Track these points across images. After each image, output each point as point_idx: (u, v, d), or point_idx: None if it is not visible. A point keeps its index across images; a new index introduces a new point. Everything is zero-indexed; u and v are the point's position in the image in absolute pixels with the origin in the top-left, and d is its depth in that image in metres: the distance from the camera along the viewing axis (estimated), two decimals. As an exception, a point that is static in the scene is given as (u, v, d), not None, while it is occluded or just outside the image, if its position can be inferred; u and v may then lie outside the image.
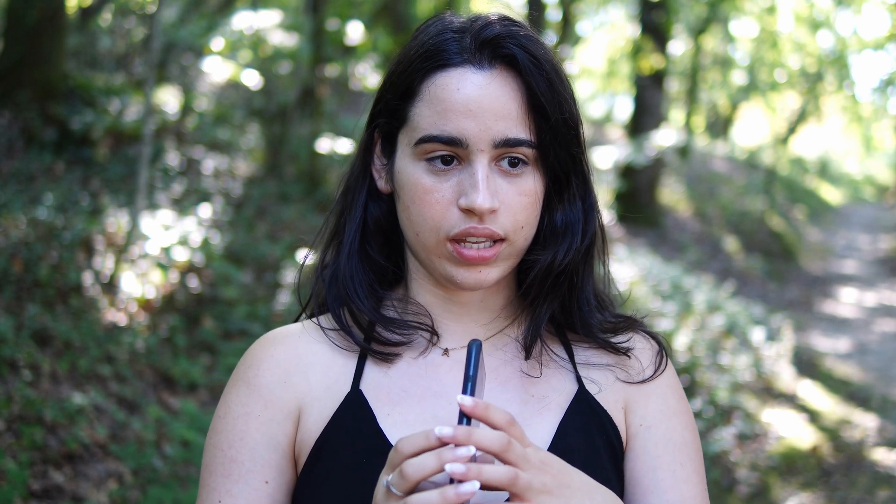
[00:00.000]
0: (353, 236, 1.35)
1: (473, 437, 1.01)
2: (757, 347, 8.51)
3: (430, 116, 1.23)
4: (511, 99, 1.22)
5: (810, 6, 18.20)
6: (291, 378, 1.30)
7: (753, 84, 20.30)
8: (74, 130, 7.58)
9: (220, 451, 1.28)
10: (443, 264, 1.25)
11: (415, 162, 1.25)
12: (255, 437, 1.28)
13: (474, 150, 1.21)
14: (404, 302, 1.35)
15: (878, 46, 19.03)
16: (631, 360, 1.36)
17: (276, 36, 9.83)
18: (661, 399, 1.35)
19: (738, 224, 16.21)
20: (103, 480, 4.08)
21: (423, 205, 1.23)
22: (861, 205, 27.01)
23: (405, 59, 1.28)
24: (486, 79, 1.22)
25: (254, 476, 1.27)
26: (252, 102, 10.57)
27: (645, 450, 1.31)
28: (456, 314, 1.34)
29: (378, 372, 1.31)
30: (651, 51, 12.86)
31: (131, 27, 11.00)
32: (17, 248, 5.39)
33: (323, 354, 1.33)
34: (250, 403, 1.30)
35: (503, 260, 1.26)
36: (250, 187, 8.87)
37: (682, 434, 1.33)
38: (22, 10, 7.41)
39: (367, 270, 1.34)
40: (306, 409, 1.29)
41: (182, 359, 5.44)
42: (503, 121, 1.21)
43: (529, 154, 1.24)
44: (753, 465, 6.26)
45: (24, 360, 4.51)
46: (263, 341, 1.36)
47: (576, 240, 1.30)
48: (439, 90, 1.23)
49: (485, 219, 1.21)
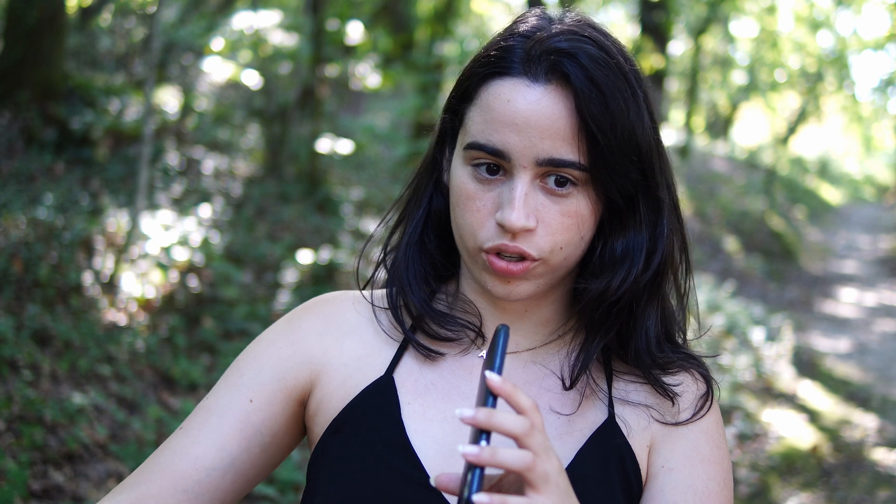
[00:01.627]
0: (416, 226, 1.34)
1: (495, 419, 0.97)
2: (757, 347, 8.51)
3: (479, 123, 1.20)
4: (561, 118, 1.16)
5: (810, 6, 18.20)
6: (327, 336, 1.33)
7: (753, 84, 20.32)
8: (74, 130, 7.58)
9: (235, 363, 1.34)
10: (478, 271, 1.24)
11: (464, 165, 1.23)
12: (266, 362, 1.32)
13: (517, 166, 1.18)
14: (455, 298, 1.34)
15: (878, 46, 19.04)
16: (671, 401, 1.29)
17: (276, 36, 9.83)
18: (691, 444, 1.27)
19: (738, 224, 16.22)
20: (103, 480, 4.08)
21: (466, 210, 1.22)
22: (861, 205, 27.01)
23: (475, 58, 1.26)
24: (539, 94, 1.17)
25: (244, 390, 1.30)
26: (252, 102, 10.57)
27: (661, 493, 1.24)
28: (501, 319, 1.31)
29: (413, 362, 1.31)
30: (651, 51, 12.86)
31: (131, 27, 11.00)
32: (17, 248, 5.39)
33: (366, 329, 1.34)
34: (279, 336, 1.34)
35: (536, 277, 1.22)
36: (250, 187, 8.87)
37: (706, 483, 1.25)
38: (22, 10, 7.40)
39: (423, 262, 1.34)
40: (330, 371, 1.31)
41: (182, 359, 5.44)
42: (550, 140, 1.16)
43: (578, 176, 1.18)
44: (753, 465, 6.27)
45: (24, 360, 4.51)
46: (319, 298, 1.40)
47: (635, 268, 1.23)
48: (491, 98, 1.20)
49: (517, 237, 1.18)
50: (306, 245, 7.65)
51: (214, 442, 1.28)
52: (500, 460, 0.96)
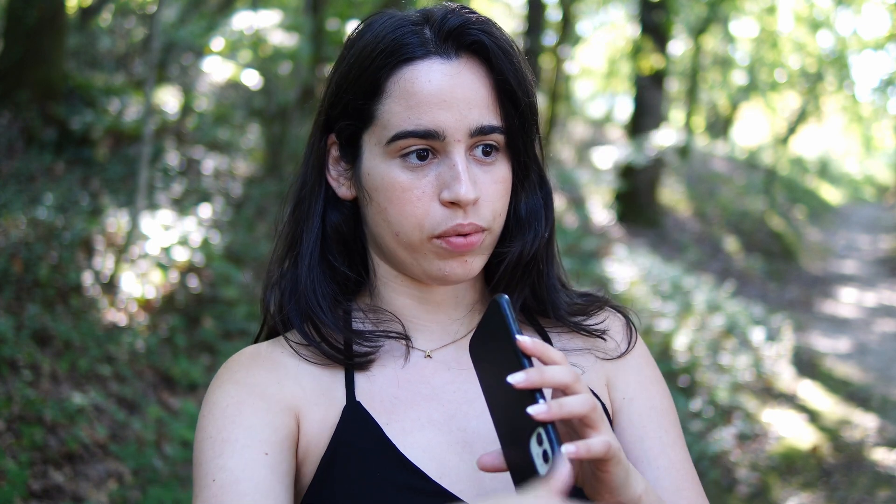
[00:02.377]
0: (313, 246, 1.30)
1: (546, 375, 1.00)
2: (757, 347, 8.51)
3: (401, 112, 1.20)
4: (481, 86, 1.21)
5: (810, 6, 18.20)
6: (283, 380, 1.25)
7: (753, 84, 20.30)
8: (74, 130, 7.58)
9: (210, 439, 1.18)
10: (429, 261, 1.23)
11: (387, 161, 1.22)
12: (251, 420, 1.19)
13: (451, 142, 1.19)
14: (372, 311, 1.32)
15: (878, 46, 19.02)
16: (606, 338, 1.37)
17: (276, 36, 9.83)
18: (636, 370, 1.37)
19: (738, 224, 16.21)
20: (103, 480, 4.08)
21: (403, 203, 1.21)
22: (861, 205, 27.01)
23: (361, 57, 1.24)
24: (455, 68, 1.21)
25: (251, 450, 1.16)
26: (252, 102, 10.57)
27: (630, 422, 1.32)
28: (432, 313, 1.32)
29: (366, 381, 1.27)
30: (651, 51, 12.86)
31: (131, 27, 11.00)
32: (17, 248, 5.39)
33: (307, 365, 1.28)
34: (241, 395, 1.21)
35: (485, 250, 1.25)
36: (250, 187, 8.87)
37: (661, 401, 1.35)
38: (22, 10, 7.41)
39: (329, 281, 1.30)
40: (305, 412, 1.24)
41: (182, 359, 5.44)
42: (476, 108, 1.20)
43: (500, 141, 1.23)
44: (753, 465, 6.26)
45: (24, 360, 4.51)
46: (242, 355, 1.29)
47: (540, 228, 1.30)
48: (408, 84, 1.20)
49: (468, 211, 1.20)
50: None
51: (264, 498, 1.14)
52: (568, 410, 1.00)
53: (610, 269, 9.86)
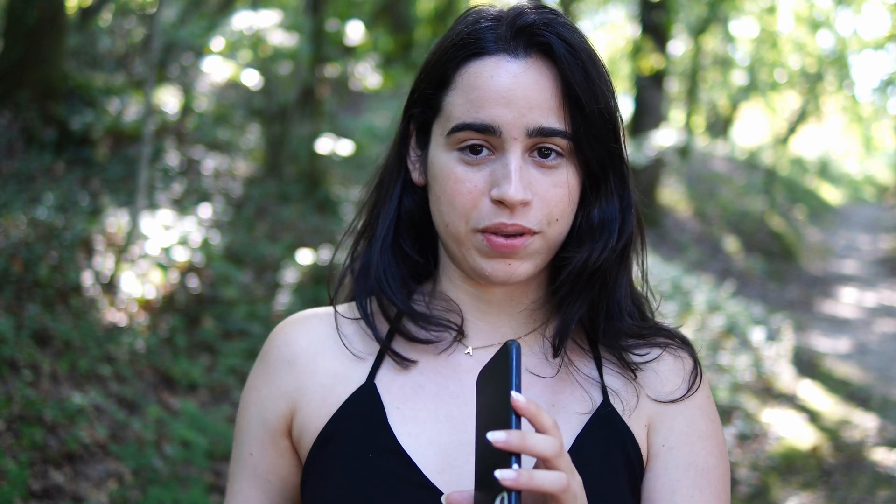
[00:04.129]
0: (388, 229, 1.32)
1: (528, 442, 0.96)
2: (757, 347, 8.50)
3: (463, 105, 1.21)
4: (546, 88, 1.20)
5: (810, 6, 18.20)
6: (298, 360, 1.32)
7: (753, 84, 20.31)
8: (74, 130, 7.58)
9: (238, 417, 1.38)
10: (472, 256, 1.23)
11: (447, 152, 1.23)
12: (251, 411, 1.35)
13: (507, 139, 1.19)
14: (434, 297, 1.33)
15: (878, 46, 19.03)
16: (661, 378, 1.32)
17: (276, 36, 9.83)
18: (687, 420, 1.30)
19: (738, 224, 16.21)
20: (103, 480, 4.08)
21: (455, 195, 1.21)
22: (861, 205, 27.00)
23: (441, 48, 1.26)
24: (521, 67, 1.20)
25: (245, 446, 1.35)
26: (252, 102, 10.57)
27: (665, 471, 1.26)
28: (485, 312, 1.31)
29: (395, 367, 1.29)
30: (651, 51, 12.86)
31: (131, 27, 10.99)
32: (17, 248, 5.38)
33: (338, 344, 1.32)
34: (258, 378, 1.35)
35: (534, 254, 1.22)
36: (250, 187, 8.87)
37: (705, 459, 1.28)
38: (22, 10, 7.40)
39: (399, 264, 1.32)
40: (307, 394, 1.30)
41: (182, 359, 5.44)
42: (537, 110, 1.19)
43: (564, 145, 1.21)
44: (753, 465, 6.26)
45: (24, 360, 4.51)
46: (287, 321, 1.39)
47: (612, 238, 1.26)
48: (473, 78, 1.21)
49: (516, 211, 1.18)
50: (306, 245, 7.64)
51: None
52: (537, 484, 0.96)
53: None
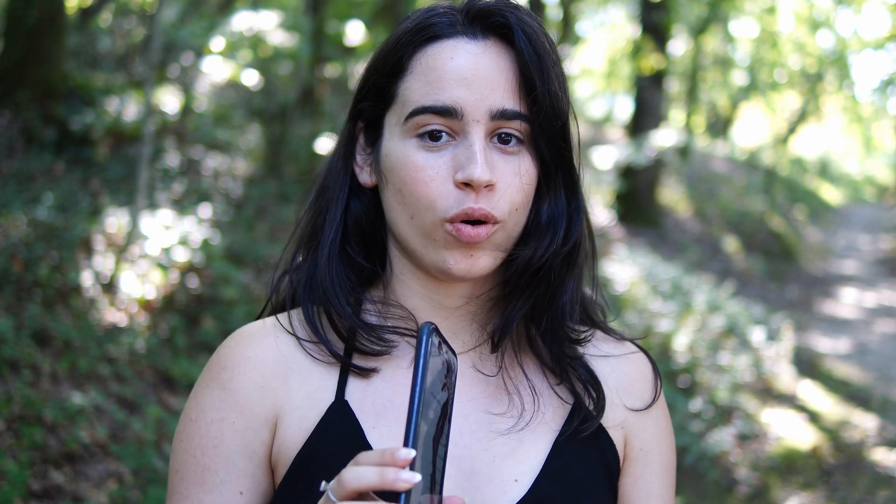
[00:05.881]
0: (334, 236, 1.27)
1: None
2: (757, 348, 8.50)
3: (421, 88, 1.18)
4: (505, 69, 1.18)
5: (810, 6, 18.20)
6: (270, 383, 1.23)
7: (753, 84, 20.30)
8: (74, 130, 7.58)
9: (192, 457, 1.21)
10: (436, 249, 1.19)
11: (405, 140, 1.19)
12: (230, 446, 1.21)
13: (470, 121, 1.16)
14: (385, 304, 1.28)
15: (878, 46, 19.03)
16: (630, 383, 1.33)
17: (276, 36, 9.83)
18: (655, 421, 1.34)
19: (738, 224, 16.21)
20: (103, 480, 4.08)
21: (417, 183, 1.17)
22: (861, 205, 27.01)
23: (394, 38, 1.24)
24: (480, 48, 1.18)
25: (228, 487, 1.20)
26: (252, 102, 10.57)
27: (643, 476, 1.31)
28: (444, 318, 1.26)
29: (363, 381, 1.23)
30: (651, 51, 12.86)
31: (131, 27, 11.00)
32: (17, 248, 5.39)
33: (303, 359, 1.25)
34: (225, 409, 1.22)
35: (495, 246, 1.19)
36: (250, 187, 8.87)
37: (669, 456, 1.35)
38: (22, 10, 7.41)
39: (348, 273, 1.27)
40: (285, 417, 1.22)
41: (182, 359, 5.44)
42: (499, 91, 1.17)
43: (523, 131, 1.19)
44: (753, 465, 6.26)
45: (24, 360, 4.51)
46: (238, 339, 1.29)
47: (557, 237, 1.22)
48: (431, 60, 1.19)
49: (480, 194, 1.15)
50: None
51: None
52: None
53: (610, 269, 9.86)
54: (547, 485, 1.20)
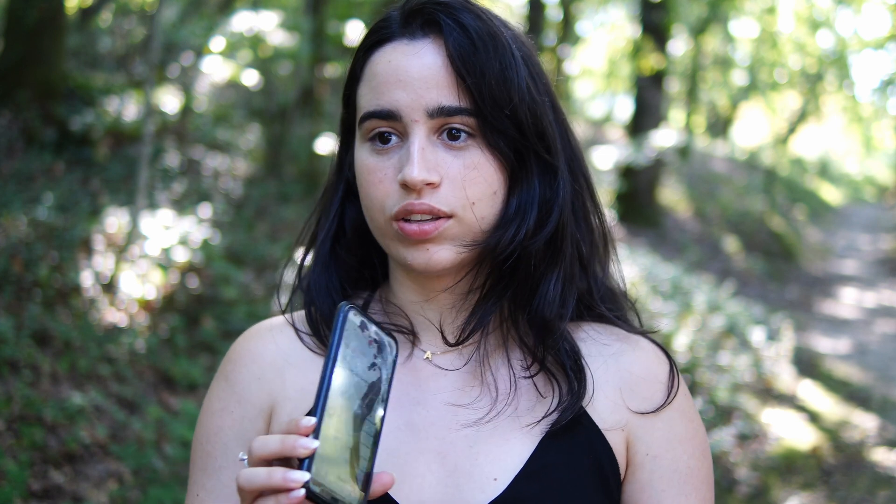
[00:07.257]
0: (324, 241, 1.32)
1: None
2: (757, 348, 8.50)
3: (367, 94, 1.20)
4: (442, 66, 1.17)
5: (810, 6, 18.20)
6: (266, 375, 1.29)
7: (753, 84, 20.31)
8: (74, 130, 7.58)
9: (200, 444, 1.30)
10: (395, 246, 1.20)
11: (361, 145, 1.22)
12: (228, 434, 1.28)
13: (409, 122, 1.16)
14: (379, 303, 1.31)
15: (878, 46, 19.04)
16: (636, 383, 1.27)
17: (276, 36, 9.83)
18: (668, 425, 1.26)
19: (738, 224, 16.21)
20: (103, 480, 4.09)
21: (369, 186, 1.20)
22: (861, 205, 27.01)
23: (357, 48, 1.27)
24: (418, 48, 1.18)
25: (224, 472, 1.26)
26: (252, 102, 10.58)
27: (650, 483, 1.24)
28: (433, 311, 1.27)
29: None
30: (651, 51, 12.87)
31: (131, 27, 11.00)
32: (17, 248, 5.39)
33: (301, 353, 1.30)
34: (226, 399, 1.30)
35: (452, 238, 1.18)
36: (250, 187, 8.87)
37: (687, 463, 1.26)
38: (22, 10, 7.41)
39: (334, 275, 1.31)
40: (279, 408, 1.27)
41: (182, 359, 5.44)
42: (435, 89, 1.16)
43: (473, 125, 1.17)
44: (753, 465, 6.26)
45: (24, 360, 4.51)
46: (247, 335, 1.35)
47: (525, 225, 1.19)
48: (374, 66, 1.21)
49: (423, 193, 1.15)
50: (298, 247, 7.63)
51: None
52: None
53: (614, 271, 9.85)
54: (525, 485, 1.18)
